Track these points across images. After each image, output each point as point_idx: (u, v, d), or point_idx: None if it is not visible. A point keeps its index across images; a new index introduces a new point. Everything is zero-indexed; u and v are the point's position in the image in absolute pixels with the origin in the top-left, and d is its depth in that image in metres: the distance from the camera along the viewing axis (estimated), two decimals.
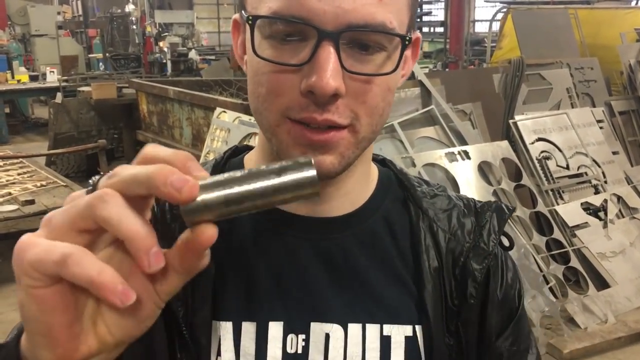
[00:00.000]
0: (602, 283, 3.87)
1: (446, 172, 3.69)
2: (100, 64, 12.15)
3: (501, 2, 9.98)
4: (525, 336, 0.76)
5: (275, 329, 0.65)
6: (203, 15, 20.17)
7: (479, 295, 0.71)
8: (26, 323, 0.43)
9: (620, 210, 4.28)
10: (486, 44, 9.01)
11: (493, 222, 0.73)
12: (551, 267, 3.72)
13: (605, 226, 4.12)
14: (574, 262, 3.84)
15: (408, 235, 0.72)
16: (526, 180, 4.03)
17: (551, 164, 4.30)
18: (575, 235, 4.00)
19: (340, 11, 0.55)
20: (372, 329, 0.67)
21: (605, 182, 4.44)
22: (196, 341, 0.64)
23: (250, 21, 0.58)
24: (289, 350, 0.65)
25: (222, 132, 4.06)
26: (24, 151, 6.68)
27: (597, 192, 4.35)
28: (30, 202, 4.16)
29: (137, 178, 0.41)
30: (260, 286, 0.67)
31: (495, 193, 3.79)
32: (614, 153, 4.75)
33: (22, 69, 10.48)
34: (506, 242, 0.75)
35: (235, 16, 0.69)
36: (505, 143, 4.07)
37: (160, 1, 16.93)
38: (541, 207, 3.99)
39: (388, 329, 0.67)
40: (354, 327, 0.67)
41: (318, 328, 0.66)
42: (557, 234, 3.92)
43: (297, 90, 0.57)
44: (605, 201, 4.22)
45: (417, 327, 0.68)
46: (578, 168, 4.40)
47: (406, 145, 3.81)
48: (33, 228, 0.42)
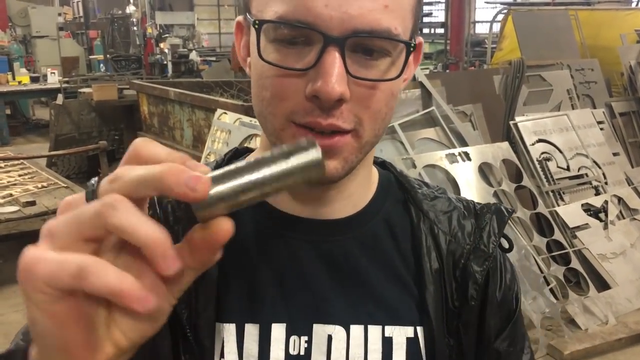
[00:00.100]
0: (603, 284, 3.87)
1: (447, 174, 3.70)
2: (101, 66, 12.15)
3: (502, 4, 9.97)
4: (521, 336, 0.77)
5: (278, 331, 0.66)
6: (204, 16, 20.15)
7: (479, 296, 0.71)
8: (40, 339, 0.42)
9: (620, 211, 4.28)
10: (486, 45, 9.02)
11: (493, 225, 0.73)
12: (552, 269, 3.72)
13: (605, 227, 4.12)
14: (575, 264, 3.84)
15: (409, 237, 0.72)
16: (527, 181, 4.03)
17: (552, 165, 4.30)
18: (575, 236, 3.99)
19: (346, 17, 0.55)
20: (374, 330, 0.67)
21: (605, 184, 4.44)
22: (200, 343, 0.64)
23: (256, 25, 0.58)
24: (292, 352, 0.65)
25: (223, 134, 4.06)
26: (25, 152, 6.68)
27: (598, 194, 4.35)
28: (31, 204, 4.16)
29: (146, 180, 0.39)
30: (263, 288, 0.67)
31: (495, 194, 3.79)
32: (615, 154, 4.75)
33: (23, 71, 10.48)
34: (505, 244, 0.75)
35: (238, 18, 0.69)
36: (505, 144, 4.07)
37: (161, 2, 16.94)
38: (542, 209, 3.98)
39: (390, 330, 0.68)
40: (356, 329, 0.67)
41: (320, 329, 0.67)
42: (558, 235, 3.92)
43: (302, 94, 0.58)
44: (605, 202, 4.22)
45: (419, 329, 0.69)
46: (578, 169, 4.40)
47: (407, 146, 3.82)
48: (34, 229, 0.39)
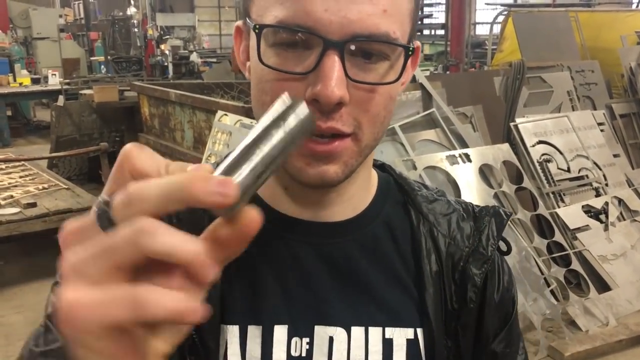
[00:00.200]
0: (603, 286, 3.87)
1: (447, 175, 3.70)
2: (102, 67, 12.16)
3: (502, 5, 9.98)
4: (516, 338, 0.78)
5: (280, 333, 0.66)
6: (204, 18, 20.18)
7: (478, 299, 0.72)
8: None
9: (621, 212, 4.28)
10: (487, 47, 9.02)
11: (492, 227, 0.74)
12: (552, 270, 3.72)
13: (606, 229, 4.12)
14: (575, 265, 3.84)
15: (409, 239, 0.73)
16: (527, 183, 4.03)
17: (552, 167, 4.30)
18: (576, 237, 4.00)
19: (345, 21, 0.56)
20: (375, 332, 0.68)
21: (606, 185, 4.44)
22: (205, 345, 0.65)
23: (257, 30, 0.59)
24: (294, 353, 0.66)
25: (224, 135, 4.06)
26: (26, 154, 6.70)
27: (598, 195, 4.36)
28: (32, 205, 4.17)
29: (171, 195, 0.36)
30: (265, 290, 0.68)
31: (496, 196, 3.79)
32: (615, 156, 4.75)
33: (24, 72, 10.47)
34: (504, 247, 0.76)
35: (238, 23, 0.70)
36: (506, 146, 4.07)
37: (161, 4, 16.95)
38: (542, 210, 3.99)
39: (390, 332, 0.68)
40: (357, 330, 0.68)
41: (322, 331, 0.67)
42: (558, 237, 3.92)
43: (302, 98, 0.58)
44: (606, 204, 4.22)
45: (419, 330, 0.69)
46: (579, 171, 4.40)
47: (407, 148, 3.82)
48: (34, 231, 0.35)
